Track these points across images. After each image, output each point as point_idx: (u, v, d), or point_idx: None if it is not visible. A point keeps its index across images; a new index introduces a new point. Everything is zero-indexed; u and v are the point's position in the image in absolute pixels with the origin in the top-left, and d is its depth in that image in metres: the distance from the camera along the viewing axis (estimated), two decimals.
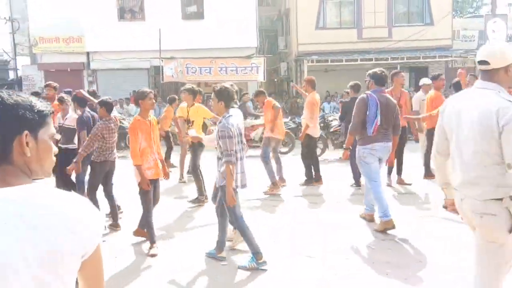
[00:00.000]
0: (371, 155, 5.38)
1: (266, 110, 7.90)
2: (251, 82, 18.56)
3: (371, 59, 18.91)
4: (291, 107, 18.58)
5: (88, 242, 1.24)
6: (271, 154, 7.72)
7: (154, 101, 5.15)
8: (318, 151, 9.70)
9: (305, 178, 7.98)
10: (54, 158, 1.33)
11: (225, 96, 4.33)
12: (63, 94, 7.12)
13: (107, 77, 19.92)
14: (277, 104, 8.05)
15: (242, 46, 18.74)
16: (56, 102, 6.89)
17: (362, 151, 5.42)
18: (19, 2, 21.22)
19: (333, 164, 10.16)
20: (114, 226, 5.70)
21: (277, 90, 25.50)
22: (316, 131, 7.95)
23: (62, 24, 18.97)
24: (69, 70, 19.79)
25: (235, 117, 4.38)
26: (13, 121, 1.21)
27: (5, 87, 18.47)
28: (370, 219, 5.71)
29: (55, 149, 1.33)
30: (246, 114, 11.12)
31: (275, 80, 26.58)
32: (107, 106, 5.54)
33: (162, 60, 17.62)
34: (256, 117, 12.53)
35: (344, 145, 5.95)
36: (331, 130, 11.95)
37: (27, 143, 1.22)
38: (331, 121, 12.27)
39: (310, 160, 7.98)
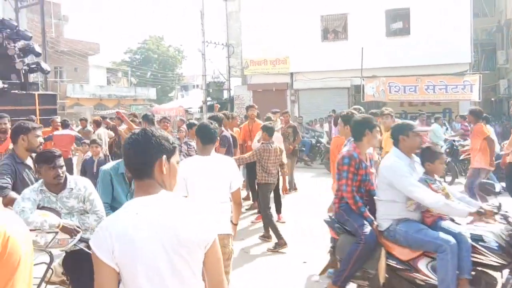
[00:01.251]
0: None
1: (476, 136, 7.10)
2: (462, 101, 17.10)
3: None
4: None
5: (205, 237, 1.78)
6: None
7: None
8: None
9: None
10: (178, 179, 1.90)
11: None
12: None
13: (308, 97, 20.94)
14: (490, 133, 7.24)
15: (453, 63, 17.33)
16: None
17: None
18: (235, 29, 24.14)
19: None
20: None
21: (493, 111, 22.86)
22: None
23: (270, 48, 20.82)
24: (274, 90, 21.53)
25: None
26: (158, 148, 1.79)
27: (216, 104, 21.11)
28: None
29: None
30: None
31: (492, 99, 23.90)
32: (269, 131, 6.23)
33: (363, 79, 17.67)
34: None
35: None
36: (461, 157, 10.46)
37: (164, 164, 1.79)
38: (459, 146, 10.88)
39: None
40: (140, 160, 1.78)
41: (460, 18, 17.55)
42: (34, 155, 3.91)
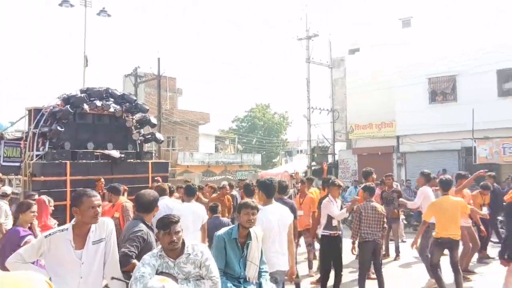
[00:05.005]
0: None
1: None
2: None
3: None
4: None
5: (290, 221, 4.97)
6: None
7: None
8: None
9: None
10: None
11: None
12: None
13: (415, 159, 21.23)
14: None
15: None
16: None
17: None
18: (340, 95, 25.63)
19: None
20: None
21: None
22: None
23: (376, 112, 21.85)
24: (379, 153, 22.24)
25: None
26: None
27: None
28: None
29: None
30: None
31: None
32: (370, 191, 6.80)
33: (475, 141, 17.81)
34: None
35: None
36: None
37: None
38: None
39: None
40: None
41: None
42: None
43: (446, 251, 6.77)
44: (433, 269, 6.64)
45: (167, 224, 3.47)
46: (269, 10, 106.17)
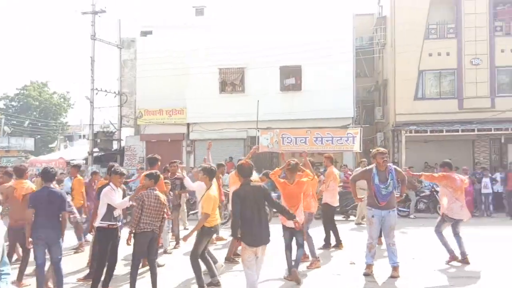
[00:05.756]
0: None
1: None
2: (346, 152, 19.52)
3: (473, 130, 19.22)
4: None
5: None
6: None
7: None
8: None
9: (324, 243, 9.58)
10: None
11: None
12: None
13: (204, 147, 21.83)
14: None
15: (338, 117, 20.10)
16: None
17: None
18: (129, 77, 24.68)
19: None
20: None
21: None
22: (334, 201, 9.81)
23: (166, 97, 21.80)
24: (169, 140, 22.29)
25: None
26: None
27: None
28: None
29: None
30: None
31: (371, 150, 27.17)
32: (155, 179, 6.65)
33: (258, 131, 19.33)
34: None
35: None
36: None
37: None
38: None
39: (330, 227, 9.69)
40: None
41: (344, 77, 20.57)
42: None
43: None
44: (195, 258, 6.61)
45: None
46: None
